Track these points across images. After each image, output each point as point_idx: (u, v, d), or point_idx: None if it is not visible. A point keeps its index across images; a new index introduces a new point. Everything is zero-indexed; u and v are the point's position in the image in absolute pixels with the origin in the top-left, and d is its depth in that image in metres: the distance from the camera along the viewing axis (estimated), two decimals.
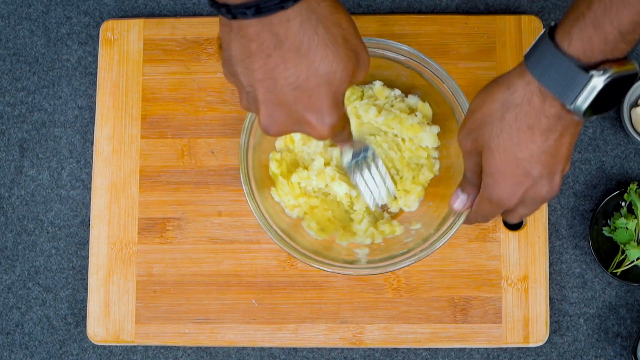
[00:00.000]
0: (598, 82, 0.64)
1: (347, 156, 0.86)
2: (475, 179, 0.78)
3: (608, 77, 0.64)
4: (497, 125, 0.70)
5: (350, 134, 0.77)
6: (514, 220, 0.79)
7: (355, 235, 0.94)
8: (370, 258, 0.91)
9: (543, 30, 0.68)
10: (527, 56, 0.68)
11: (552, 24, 0.68)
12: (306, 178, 0.94)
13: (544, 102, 0.67)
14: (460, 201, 0.81)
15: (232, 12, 0.60)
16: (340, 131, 0.73)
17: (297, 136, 0.95)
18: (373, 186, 0.89)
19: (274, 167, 0.94)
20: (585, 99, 0.65)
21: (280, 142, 0.96)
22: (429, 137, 0.94)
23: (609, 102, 0.66)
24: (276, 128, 0.66)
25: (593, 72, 0.64)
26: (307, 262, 0.88)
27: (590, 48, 0.64)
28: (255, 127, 0.89)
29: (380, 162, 0.89)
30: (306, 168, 0.95)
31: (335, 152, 0.95)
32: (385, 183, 0.90)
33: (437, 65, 0.89)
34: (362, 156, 0.87)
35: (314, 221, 0.93)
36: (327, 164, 0.95)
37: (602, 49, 0.64)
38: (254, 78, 0.63)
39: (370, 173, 0.89)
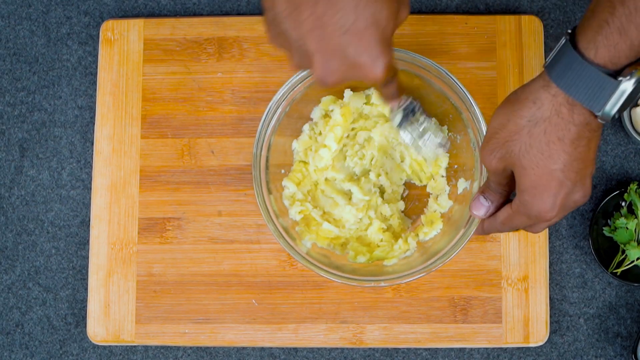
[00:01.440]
0: (627, 86, 0.65)
1: (397, 117, 0.86)
2: (500, 189, 0.77)
3: (636, 81, 0.65)
4: (526, 141, 0.69)
5: (397, 88, 0.77)
6: (541, 230, 0.78)
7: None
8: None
9: (563, 40, 0.68)
10: (550, 67, 0.68)
11: (569, 31, 0.68)
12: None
13: (572, 112, 0.67)
14: (483, 208, 0.80)
15: None
16: (390, 81, 0.74)
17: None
18: (424, 141, 0.89)
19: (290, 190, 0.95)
20: (614, 104, 0.66)
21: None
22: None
23: (631, 101, 0.67)
24: (332, 77, 0.67)
25: (621, 78, 0.65)
26: (317, 271, 0.88)
27: (617, 55, 0.64)
28: (266, 141, 0.90)
29: (428, 117, 0.88)
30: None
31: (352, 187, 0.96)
32: (435, 136, 0.89)
33: (446, 71, 0.88)
34: (410, 110, 0.86)
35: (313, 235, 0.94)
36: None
37: (628, 54, 0.65)
38: (304, 29, 0.65)
39: (420, 129, 0.88)
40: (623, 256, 0.97)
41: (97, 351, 1.00)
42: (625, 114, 0.98)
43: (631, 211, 0.98)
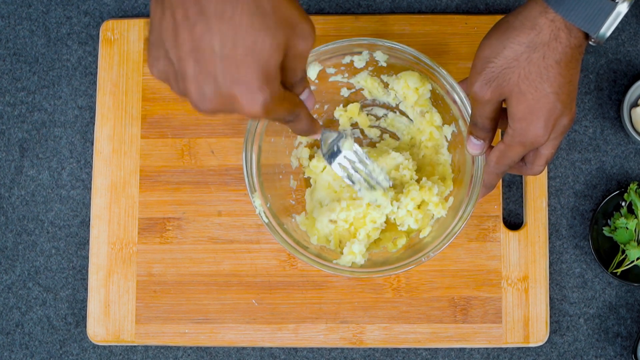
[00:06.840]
0: (622, 8, 0.69)
1: (323, 149, 0.84)
2: (488, 124, 0.78)
3: (630, 3, 0.69)
4: (525, 67, 0.71)
5: (311, 123, 0.71)
6: (540, 169, 0.79)
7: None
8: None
9: None
10: None
11: None
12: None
13: (569, 35, 0.70)
14: (478, 146, 0.81)
15: None
16: (291, 118, 0.68)
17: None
18: (356, 174, 0.87)
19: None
20: (609, 26, 0.70)
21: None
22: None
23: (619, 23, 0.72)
24: (206, 105, 0.62)
25: (617, 0, 0.69)
26: (310, 263, 0.87)
27: None
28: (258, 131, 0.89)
29: (358, 148, 0.86)
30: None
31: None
32: (371, 167, 0.87)
33: (446, 74, 0.88)
34: (335, 145, 0.84)
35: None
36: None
37: None
38: (182, 51, 0.60)
39: (348, 159, 0.86)
40: (623, 256, 0.97)
41: (97, 351, 1.00)
42: (625, 114, 0.98)
43: (631, 211, 0.98)
